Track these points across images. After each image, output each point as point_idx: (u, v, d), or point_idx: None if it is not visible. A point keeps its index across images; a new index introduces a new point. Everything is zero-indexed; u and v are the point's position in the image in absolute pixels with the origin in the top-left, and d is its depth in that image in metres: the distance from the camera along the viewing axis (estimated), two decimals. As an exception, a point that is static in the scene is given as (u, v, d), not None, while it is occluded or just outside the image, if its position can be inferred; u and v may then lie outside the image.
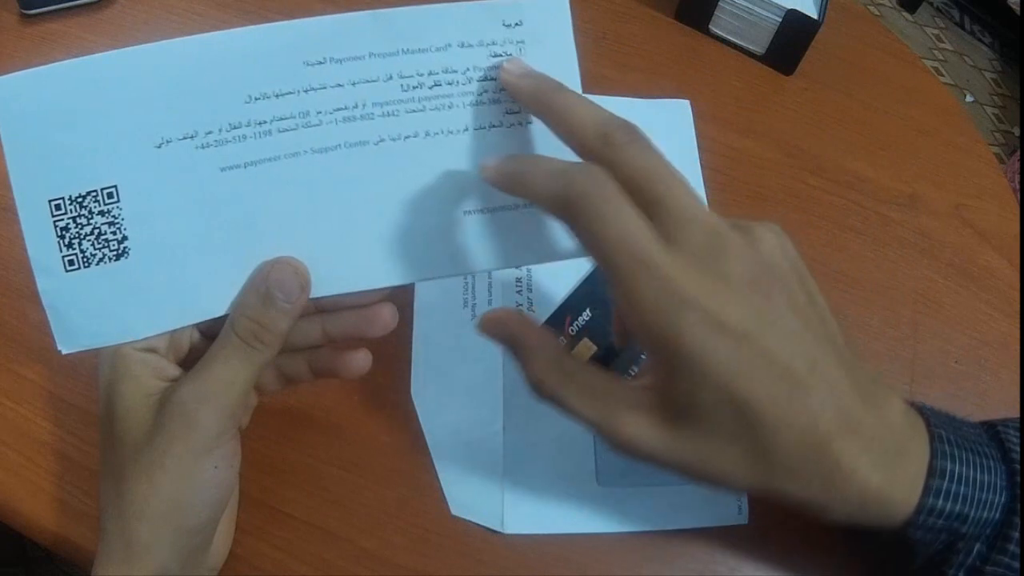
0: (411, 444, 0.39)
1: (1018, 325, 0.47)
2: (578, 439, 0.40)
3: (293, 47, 0.30)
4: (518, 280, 0.44)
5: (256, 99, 0.30)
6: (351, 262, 0.32)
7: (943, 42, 1.81)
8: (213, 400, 0.29)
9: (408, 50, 0.31)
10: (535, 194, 0.29)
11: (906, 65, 0.61)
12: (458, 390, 0.41)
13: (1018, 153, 1.50)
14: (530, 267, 0.44)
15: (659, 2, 0.59)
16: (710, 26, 0.58)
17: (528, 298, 0.43)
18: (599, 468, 0.39)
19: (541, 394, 0.30)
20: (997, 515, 0.30)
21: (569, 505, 0.38)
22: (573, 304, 0.44)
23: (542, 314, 0.43)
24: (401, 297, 0.43)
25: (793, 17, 0.54)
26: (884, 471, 0.29)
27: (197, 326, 0.32)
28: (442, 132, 0.32)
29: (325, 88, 0.30)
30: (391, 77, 0.31)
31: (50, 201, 0.29)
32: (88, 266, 0.30)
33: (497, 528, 0.37)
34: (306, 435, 0.39)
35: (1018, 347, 0.46)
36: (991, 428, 0.33)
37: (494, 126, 0.32)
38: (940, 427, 0.31)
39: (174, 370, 0.31)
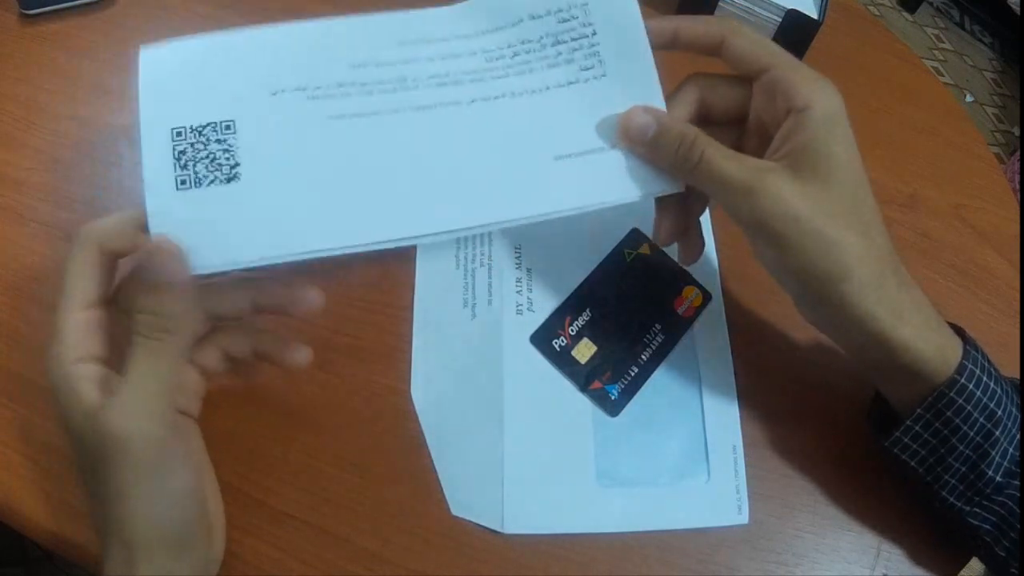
0: (411, 444, 0.39)
1: (1018, 325, 0.47)
2: (578, 439, 0.40)
3: (388, 32, 0.35)
4: (518, 280, 0.44)
5: (359, 66, 0.34)
6: (449, 203, 0.34)
7: (943, 42, 1.81)
8: (137, 414, 0.28)
9: (486, 31, 0.36)
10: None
11: (906, 65, 0.61)
12: (458, 390, 0.41)
13: (1018, 153, 1.50)
14: (530, 267, 0.44)
15: (659, 2, 0.59)
16: (710, 26, 0.58)
17: (528, 298, 0.43)
18: (599, 468, 0.39)
19: (694, 161, 0.33)
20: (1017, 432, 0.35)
21: (569, 505, 0.38)
22: (573, 304, 0.44)
23: (542, 314, 0.43)
24: (401, 297, 0.43)
25: (793, 17, 0.54)
26: (925, 324, 0.34)
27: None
28: (527, 92, 0.36)
29: (418, 61, 0.35)
30: (475, 53, 0.36)
31: (172, 128, 0.32)
32: (199, 186, 0.32)
33: (497, 528, 0.37)
34: (306, 435, 0.39)
35: (1018, 347, 0.46)
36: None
37: (572, 82, 0.36)
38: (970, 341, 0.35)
39: (115, 378, 0.30)
